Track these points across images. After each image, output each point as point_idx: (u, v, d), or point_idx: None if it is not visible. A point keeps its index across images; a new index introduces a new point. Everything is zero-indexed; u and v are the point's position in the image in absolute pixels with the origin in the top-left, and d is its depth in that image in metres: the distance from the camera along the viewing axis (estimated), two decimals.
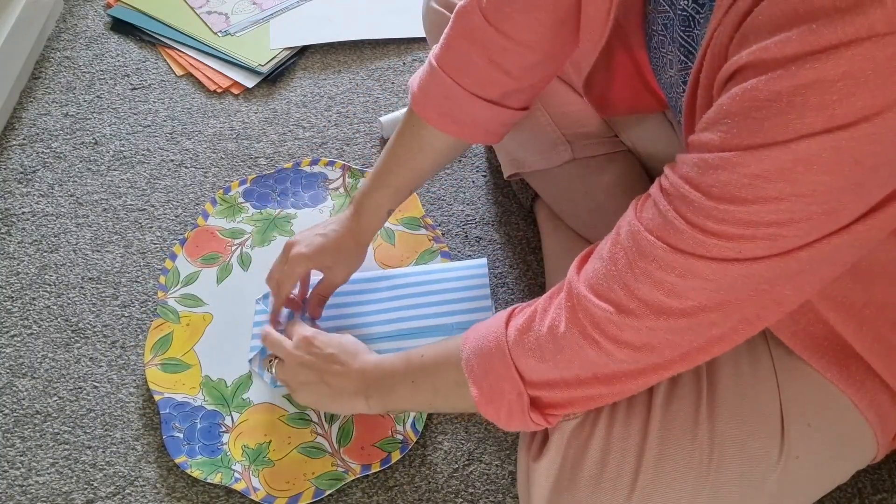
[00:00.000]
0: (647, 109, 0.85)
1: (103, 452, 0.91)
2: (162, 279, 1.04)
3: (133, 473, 0.90)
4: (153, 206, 1.15)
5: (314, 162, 1.16)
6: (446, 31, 0.80)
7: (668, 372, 0.61)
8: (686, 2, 0.61)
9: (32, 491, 0.89)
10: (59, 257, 1.09)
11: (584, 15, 0.72)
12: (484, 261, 1.01)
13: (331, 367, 0.80)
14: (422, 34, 1.32)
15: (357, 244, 0.90)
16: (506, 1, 0.74)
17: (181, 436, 0.90)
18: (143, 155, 1.22)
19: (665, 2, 0.64)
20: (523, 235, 1.10)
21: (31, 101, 1.29)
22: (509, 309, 0.68)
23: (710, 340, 0.58)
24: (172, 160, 1.21)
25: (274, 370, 0.84)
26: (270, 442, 0.89)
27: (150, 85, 1.32)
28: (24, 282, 1.07)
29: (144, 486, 0.89)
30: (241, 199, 1.12)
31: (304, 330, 0.83)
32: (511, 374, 0.64)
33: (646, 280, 0.55)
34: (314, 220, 1.09)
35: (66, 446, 0.92)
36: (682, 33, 0.63)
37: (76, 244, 1.10)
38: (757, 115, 0.46)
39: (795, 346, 0.67)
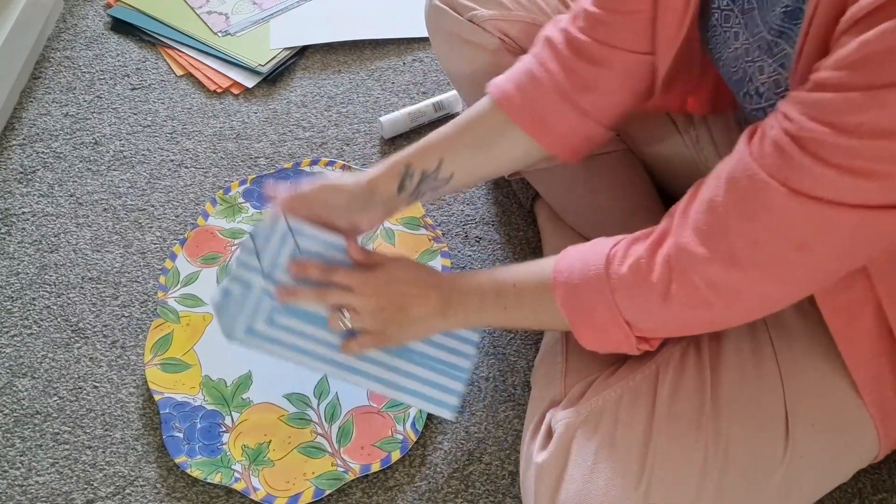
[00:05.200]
0: (724, 105, 0.84)
1: (103, 452, 0.91)
2: (162, 279, 1.04)
3: (133, 473, 0.90)
4: (153, 206, 1.15)
5: (314, 162, 1.16)
6: (541, 41, 0.78)
7: (767, 312, 0.64)
8: None
9: (32, 491, 0.89)
10: (59, 257, 1.09)
11: (661, 8, 0.71)
12: None
13: (404, 297, 0.77)
14: (422, 34, 1.32)
15: (368, 191, 0.80)
16: (601, 17, 0.74)
17: (181, 436, 0.90)
18: (143, 155, 1.22)
19: None
20: (523, 235, 1.09)
21: (31, 101, 1.29)
22: (605, 249, 0.67)
23: (812, 284, 0.61)
24: (172, 160, 1.21)
25: (349, 323, 0.78)
26: (270, 442, 0.89)
27: (150, 85, 1.32)
28: (24, 282, 1.07)
29: (144, 486, 0.89)
30: (241, 200, 1.12)
31: (356, 273, 0.78)
32: (619, 323, 0.66)
33: (771, 234, 0.56)
34: None
35: (66, 446, 0.92)
36: None
37: (76, 244, 1.11)
38: None
39: (833, 322, 0.67)
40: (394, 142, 1.21)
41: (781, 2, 0.61)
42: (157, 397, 0.92)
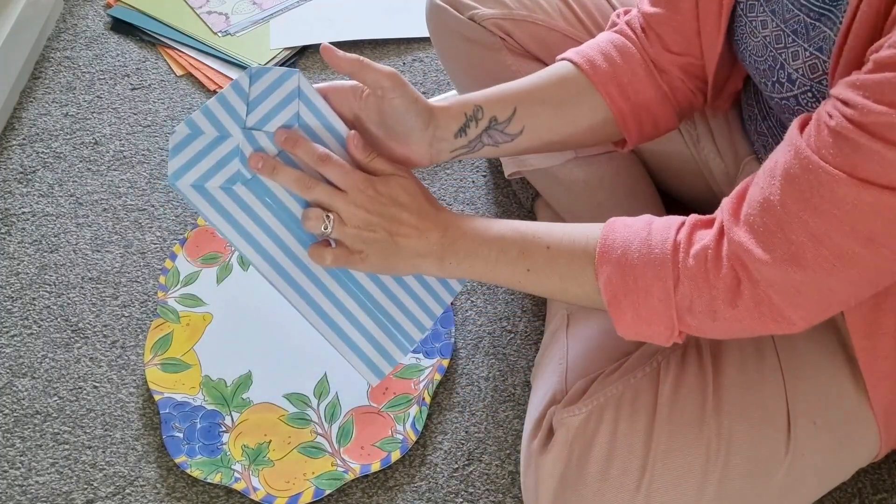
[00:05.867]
0: (733, 101, 0.85)
1: (103, 452, 0.91)
2: (162, 279, 1.04)
3: (133, 473, 0.90)
4: (153, 206, 1.15)
5: None
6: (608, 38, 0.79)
7: (832, 314, 0.60)
8: None
9: (32, 491, 0.89)
10: (59, 257, 1.09)
11: (701, 12, 0.72)
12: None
13: (400, 225, 0.68)
14: (422, 34, 1.32)
15: (423, 116, 0.71)
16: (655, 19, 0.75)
17: (181, 436, 0.90)
18: (143, 155, 1.22)
19: None
20: None
21: (31, 101, 1.29)
22: (669, 235, 0.62)
23: (880, 281, 0.57)
24: None
25: (331, 228, 0.68)
26: (270, 442, 0.89)
27: (150, 85, 1.32)
28: (24, 282, 1.06)
29: (144, 486, 0.88)
30: None
31: (354, 175, 0.68)
32: (669, 316, 0.61)
33: (835, 228, 0.53)
34: None
35: (66, 446, 0.92)
36: None
37: (76, 244, 1.10)
38: None
39: (853, 317, 0.65)
40: None
41: None
42: (157, 397, 0.92)
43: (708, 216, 0.62)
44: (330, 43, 0.69)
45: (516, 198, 1.13)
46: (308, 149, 0.68)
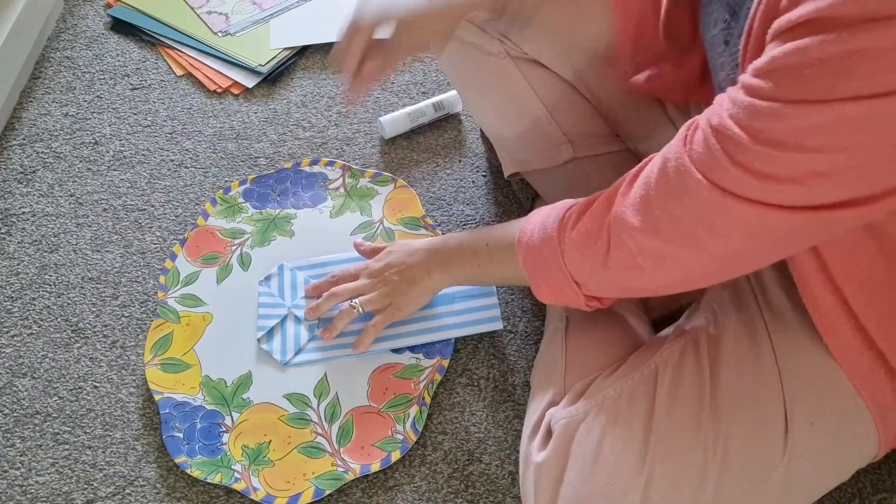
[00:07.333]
0: (666, 95, 0.89)
1: (103, 452, 0.91)
2: (162, 279, 1.04)
3: (133, 473, 0.90)
4: (153, 206, 1.15)
5: (314, 162, 1.16)
6: None
7: (695, 284, 0.67)
8: None
9: (32, 491, 0.89)
10: (59, 257, 1.09)
11: None
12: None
13: (397, 271, 0.88)
14: None
15: None
16: None
17: (181, 436, 0.90)
18: (143, 155, 1.22)
19: None
20: None
21: (31, 101, 1.29)
22: (561, 213, 0.72)
23: (736, 269, 0.65)
24: (172, 160, 1.21)
25: (362, 309, 0.90)
26: (270, 442, 0.89)
27: (150, 85, 1.32)
28: (24, 282, 1.07)
29: (144, 486, 0.89)
30: (241, 199, 1.12)
31: (352, 271, 0.93)
32: (569, 283, 0.72)
33: (688, 214, 0.59)
34: (314, 220, 1.09)
35: (66, 446, 0.92)
36: None
37: (76, 244, 1.11)
38: (807, 73, 0.49)
39: (819, 322, 0.68)
40: (394, 142, 1.21)
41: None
42: (157, 397, 0.92)
43: (599, 193, 0.70)
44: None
45: (516, 198, 1.13)
46: (324, 283, 0.94)
